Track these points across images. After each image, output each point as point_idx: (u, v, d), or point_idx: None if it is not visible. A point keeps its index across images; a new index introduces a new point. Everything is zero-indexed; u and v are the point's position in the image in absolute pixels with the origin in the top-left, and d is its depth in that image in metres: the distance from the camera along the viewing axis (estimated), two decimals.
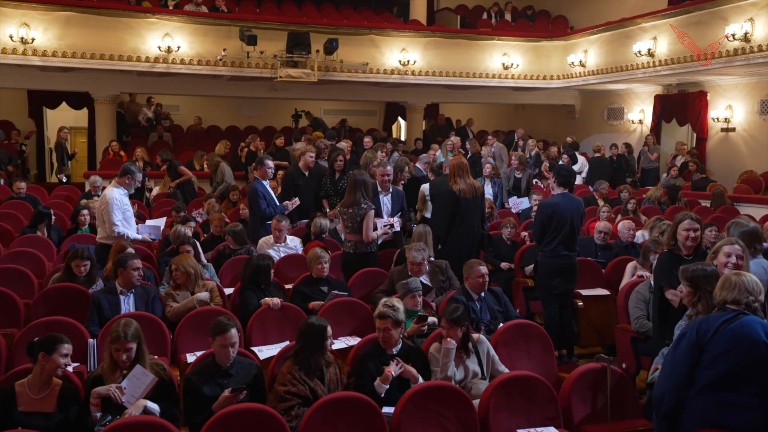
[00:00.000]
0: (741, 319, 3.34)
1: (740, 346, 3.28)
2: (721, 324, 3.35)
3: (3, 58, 12.28)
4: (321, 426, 3.53)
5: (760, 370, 3.27)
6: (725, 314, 3.38)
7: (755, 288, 3.41)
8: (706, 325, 3.39)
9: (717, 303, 3.49)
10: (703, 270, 3.94)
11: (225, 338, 3.93)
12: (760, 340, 3.27)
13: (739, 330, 3.31)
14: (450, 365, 4.30)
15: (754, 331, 3.29)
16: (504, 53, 15.17)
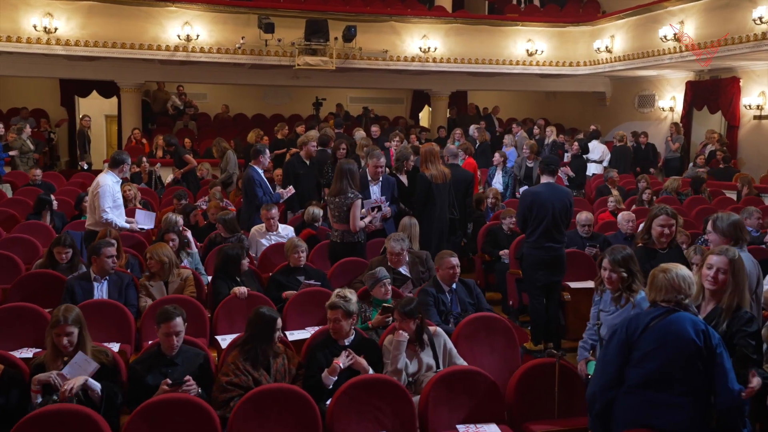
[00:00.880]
0: (670, 316, 3.20)
1: (668, 344, 3.16)
2: (650, 321, 3.22)
3: (28, 47, 12.60)
4: (250, 418, 3.51)
5: (690, 368, 3.13)
6: (655, 311, 3.26)
7: (682, 285, 3.26)
8: (635, 322, 3.26)
9: (650, 303, 3.35)
10: (627, 252, 3.88)
11: (169, 326, 3.94)
12: (689, 337, 3.14)
13: (667, 327, 3.18)
14: (400, 358, 4.23)
15: (683, 329, 3.15)
16: (528, 39, 14.86)
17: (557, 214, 6.01)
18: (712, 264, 3.61)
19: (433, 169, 6.94)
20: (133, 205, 9.01)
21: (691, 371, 3.14)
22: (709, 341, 3.16)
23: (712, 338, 3.17)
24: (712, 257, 3.63)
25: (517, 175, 10.28)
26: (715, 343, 3.17)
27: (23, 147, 12.10)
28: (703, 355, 3.15)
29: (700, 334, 3.16)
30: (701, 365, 3.15)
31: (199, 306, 5.08)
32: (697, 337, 3.15)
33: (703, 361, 3.15)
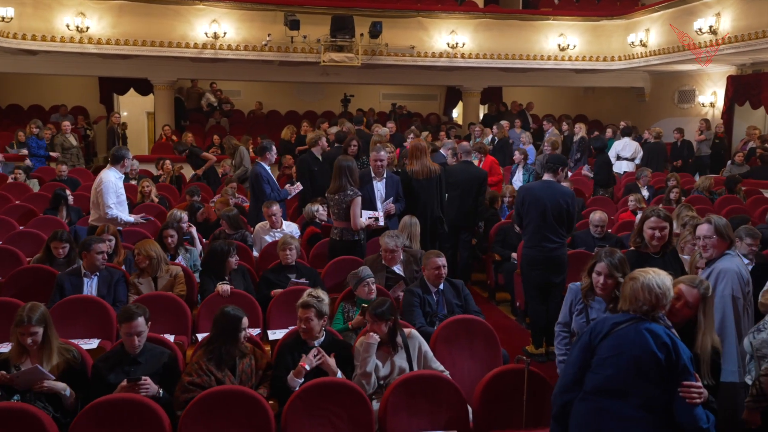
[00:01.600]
0: (633, 324, 3.01)
1: (625, 353, 2.96)
2: (612, 327, 3.03)
3: (61, 46, 12.91)
4: (200, 419, 3.46)
5: (645, 381, 2.93)
6: (620, 317, 3.06)
7: (647, 295, 3.03)
8: (600, 326, 3.08)
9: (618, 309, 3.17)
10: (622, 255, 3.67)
11: (130, 326, 3.91)
12: (649, 349, 2.93)
13: (627, 336, 2.98)
14: (370, 360, 4.11)
15: (643, 339, 2.95)
16: (560, 34, 14.51)
17: (550, 213, 5.80)
18: (682, 295, 3.32)
19: (416, 165, 6.94)
20: (149, 201, 9.15)
21: (647, 385, 2.93)
22: (674, 357, 2.93)
23: (680, 356, 2.93)
24: (685, 287, 3.33)
25: (539, 173, 10.01)
26: (683, 361, 2.93)
27: (64, 143, 12.40)
28: (662, 371, 2.93)
29: (664, 348, 2.94)
30: (659, 380, 2.94)
31: (181, 303, 5.07)
32: (660, 351, 2.93)
33: (663, 376, 2.94)
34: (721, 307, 3.89)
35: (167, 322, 4.93)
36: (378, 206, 6.84)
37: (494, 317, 7.39)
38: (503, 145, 11.09)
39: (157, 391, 3.78)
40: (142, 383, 3.71)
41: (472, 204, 7.75)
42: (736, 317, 3.88)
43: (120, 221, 6.67)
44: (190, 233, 6.98)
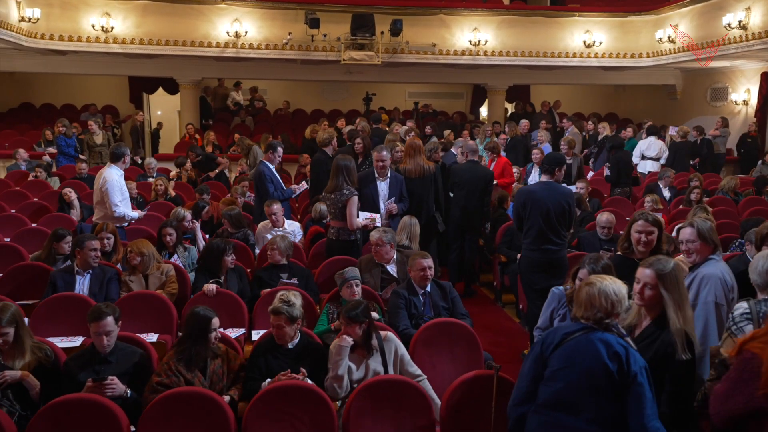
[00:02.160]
0: (584, 334, 2.88)
1: (576, 365, 2.84)
2: (564, 337, 2.91)
3: (87, 46, 13.14)
4: (159, 420, 3.44)
5: (597, 395, 2.80)
6: (572, 326, 2.94)
7: (603, 302, 2.90)
8: (552, 336, 2.96)
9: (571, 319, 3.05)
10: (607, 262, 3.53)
11: (97, 326, 3.91)
12: (600, 360, 2.80)
13: (578, 347, 2.86)
14: (341, 363, 4.05)
15: (594, 350, 2.82)
16: (586, 30, 14.21)
17: (552, 215, 5.65)
18: (639, 278, 3.23)
19: (410, 164, 6.97)
20: (163, 199, 9.23)
21: (599, 398, 2.81)
22: (626, 367, 2.80)
23: (632, 364, 2.80)
24: (640, 270, 3.24)
25: None
26: (635, 371, 2.79)
27: (90, 141, 12.62)
28: (615, 382, 2.80)
29: (615, 358, 2.81)
30: (612, 393, 2.81)
31: (167, 302, 5.07)
32: (611, 361, 2.80)
33: (616, 389, 2.81)
34: (703, 315, 3.72)
35: (153, 321, 4.94)
36: (380, 206, 6.79)
37: (499, 320, 7.27)
38: (516, 145, 10.89)
39: (124, 391, 3.77)
40: (108, 383, 3.70)
41: (478, 204, 7.63)
42: (719, 324, 3.70)
43: (126, 218, 6.75)
44: (192, 232, 7.01)
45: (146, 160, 10.95)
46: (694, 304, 3.76)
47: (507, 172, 8.99)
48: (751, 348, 2.26)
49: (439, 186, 7.23)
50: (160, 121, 17.20)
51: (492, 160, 8.89)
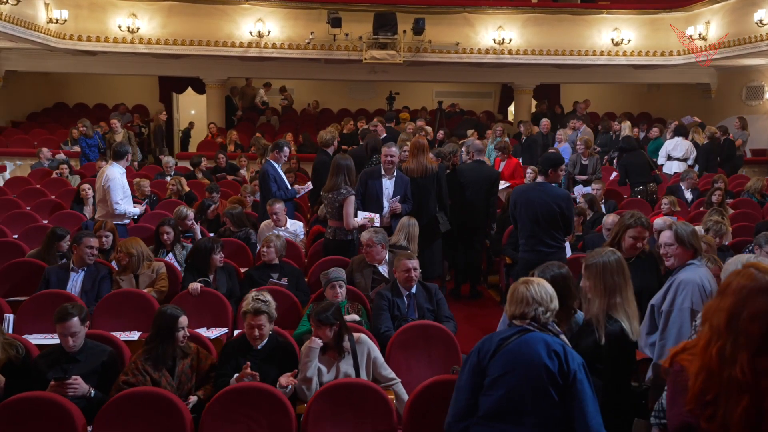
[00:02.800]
0: (522, 336, 2.78)
1: (517, 369, 2.75)
2: (500, 343, 2.80)
3: (114, 46, 13.38)
4: (116, 420, 3.42)
5: (541, 398, 2.70)
6: (507, 331, 2.84)
7: (544, 297, 2.83)
8: (487, 344, 2.86)
9: (507, 318, 2.94)
10: (561, 271, 3.41)
11: (63, 327, 3.92)
12: (540, 361, 2.71)
13: (517, 350, 2.77)
14: (310, 365, 3.99)
15: (534, 351, 2.73)
16: (615, 28, 13.88)
17: (541, 217, 5.49)
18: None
19: (412, 163, 6.87)
20: (177, 198, 9.30)
21: (544, 402, 2.71)
22: (565, 366, 2.72)
23: (570, 362, 2.73)
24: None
25: (572, 173, 9.60)
26: (574, 369, 2.72)
27: (110, 140, 12.82)
28: (558, 383, 2.71)
29: (554, 356, 2.73)
30: (555, 395, 2.71)
31: (151, 301, 5.08)
32: (550, 360, 2.72)
33: (559, 390, 2.71)
34: (678, 321, 3.56)
35: (136, 319, 4.96)
36: (384, 204, 6.73)
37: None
38: (531, 144, 10.67)
39: (87, 391, 3.77)
40: (70, 383, 3.71)
41: (483, 205, 7.49)
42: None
43: (128, 215, 6.80)
44: (193, 230, 7.03)
45: (164, 159, 11.05)
46: (669, 309, 3.62)
47: (518, 172, 8.82)
48: (681, 360, 2.12)
49: (443, 186, 7.12)
50: (192, 121, 17.39)
51: (502, 160, 8.72)
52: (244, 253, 6.69)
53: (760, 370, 1.95)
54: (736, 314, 2.01)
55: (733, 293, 2.06)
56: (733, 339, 2.00)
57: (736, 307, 2.02)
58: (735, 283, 2.08)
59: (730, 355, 1.98)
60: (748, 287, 2.03)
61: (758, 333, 1.97)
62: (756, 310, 1.99)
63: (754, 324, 1.98)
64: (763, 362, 1.96)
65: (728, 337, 2.01)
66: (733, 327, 2.01)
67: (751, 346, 1.97)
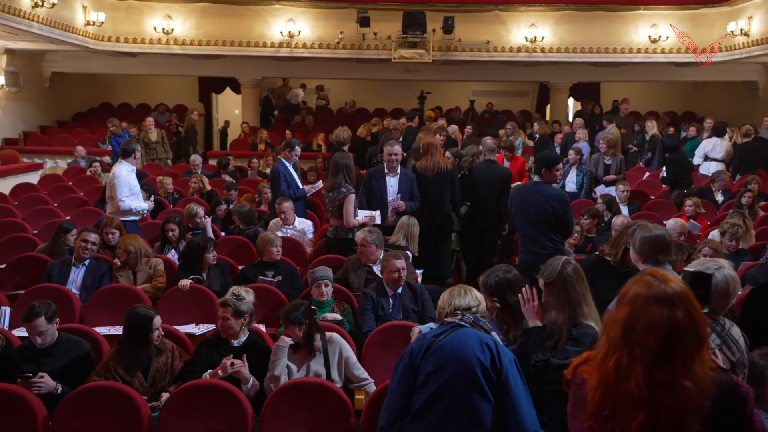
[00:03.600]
0: (454, 332, 2.74)
1: (450, 364, 2.72)
2: (432, 341, 2.76)
3: (149, 48, 13.70)
4: (75, 415, 3.48)
5: (473, 393, 2.69)
6: (439, 329, 2.80)
7: (473, 299, 2.82)
8: (420, 343, 2.82)
9: (438, 319, 2.89)
10: (507, 276, 3.30)
11: (29, 326, 3.99)
12: (472, 355, 2.69)
13: (449, 345, 2.73)
14: (279, 364, 3.98)
15: (466, 346, 2.71)
16: (652, 24, 13.49)
17: (535, 218, 5.36)
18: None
19: (426, 162, 6.77)
20: (198, 196, 9.44)
21: (476, 397, 2.67)
22: (497, 361, 2.69)
23: (502, 357, 2.71)
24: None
25: (594, 173, 9.37)
26: (506, 364, 2.69)
27: (145, 139, 13.12)
28: (491, 378, 2.67)
29: (486, 350, 2.71)
30: (487, 390, 2.67)
31: (142, 296, 5.16)
32: (482, 354, 2.70)
33: (492, 385, 2.67)
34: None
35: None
36: (388, 202, 6.70)
37: None
38: (543, 144, 10.45)
39: (53, 388, 3.83)
40: (36, 381, 3.76)
41: (494, 204, 7.37)
42: None
43: (134, 210, 6.91)
44: (203, 228, 7.12)
45: (191, 157, 11.25)
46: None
47: (525, 171, 8.67)
48: (582, 372, 2.03)
49: (456, 185, 7.02)
50: (227, 120, 17.68)
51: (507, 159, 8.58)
52: (250, 250, 6.74)
53: (656, 383, 1.84)
54: (632, 325, 1.89)
55: (629, 303, 1.94)
56: (628, 351, 1.88)
57: (632, 317, 1.90)
58: (631, 292, 1.96)
59: (626, 369, 1.87)
60: (643, 296, 1.91)
61: (653, 345, 1.85)
62: (650, 320, 1.87)
63: (649, 335, 1.86)
64: (659, 375, 1.84)
65: (624, 349, 1.89)
66: (629, 339, 1.89)
67: (646, 358, 1.86)
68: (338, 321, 4.74)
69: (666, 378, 1.83)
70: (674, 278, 1.97)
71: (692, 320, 1.86)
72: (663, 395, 1.83)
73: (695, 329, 1.86)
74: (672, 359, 1.84)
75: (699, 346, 1.87)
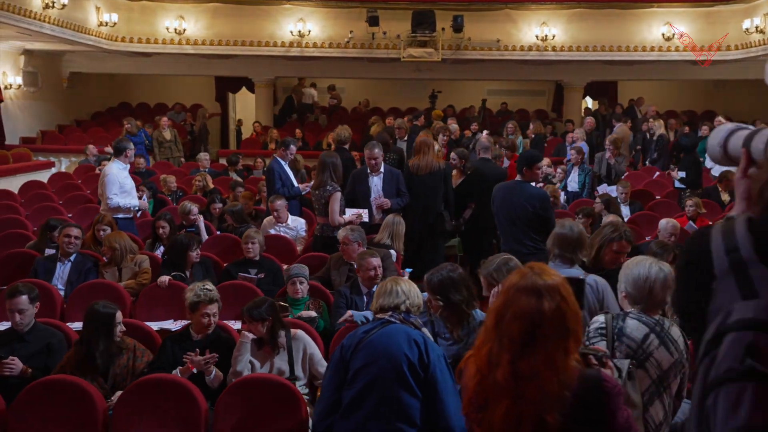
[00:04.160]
0: (384, 328, 2.74)
1: (379, 360, 2.74)
2: (362, 336, 2.77)
3: (162, 48, 13.88)
4: (29, 410, 3.53)
5: (401, 388, 2.72)
6: (369, 325, 2.81)
7: (411, 293, 2.88)
8: (350, 339, 2.83)
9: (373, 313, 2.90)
10: (452, 275, 3.28)
11: (11, 303, 4.08)
12: (400, 351, 2.72)
13: (377, 341, 2.75)
14: (241, 359, 4.00)
15: (394, 342, 2.74)
16: (666, 22, 13.28)
17: (516, 217, 5.32)
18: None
19: (419, 160, 6.76)
20: (201, 194, 9.53)
21: (403, 393, 2.68)
22: (425, 357, 2.71)
23: (430, 352, 2.72)
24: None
25: (597, 173, 9.26)
26: (433, 360, 2.71)
27: (159, 138, 13.30)
28: (418, 374, 2.67)
29: (414, 346, 2.73)
30: (415, 386, 2.67)
31: (120, 290, 5.23)
32: (410, 350, 2.71)
33: (419, 381, 2.68)
34: None
35: None
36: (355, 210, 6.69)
37: None
38: (539, 143, 10.36)
39: (23, 370, 3.90)
40: (6, 363, 3.86)
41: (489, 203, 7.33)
42: None
43: (123, 208, 6.94)
44: (196, 226, 7.17)
45: (198, 155, 11.37)
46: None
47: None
48: (467, 362, 2.03)
49: (449, 185, 7.00)
50: (240, 119, 17.82)
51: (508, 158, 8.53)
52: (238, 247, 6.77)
53: (519, 373, 1.84)
54: (502, 314, 1.90)
55: (503, 292, 1.95)
56: (498, 340, 1.89)
57: (503, 306, 1.91)
58: (507, 282, 1.98)
59: (496, 357, 1.88)
60: (516, 286, 1.91)
61: (517, 334, 1.85)
62: (518, 309, 1.87)
63: (514, 324, 1.86)
64: (523, 365, 1.84)
65: (495, 338, 1.90)
66: (499, 328, 1.89)
67: (511, 347, 1.86)
68: (312, 318, 4.75)
69: (529, 368, 1.83)
70: (553, 272, 1.96)
71: (560, 312, 1.85)
72: (525, 385, 1.84)
73: (562, 321, 1.85)
74: (535, 350, 1.84)
75: (565, 339, 1.86)
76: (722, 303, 1.30)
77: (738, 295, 1.28)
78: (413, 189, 6.68)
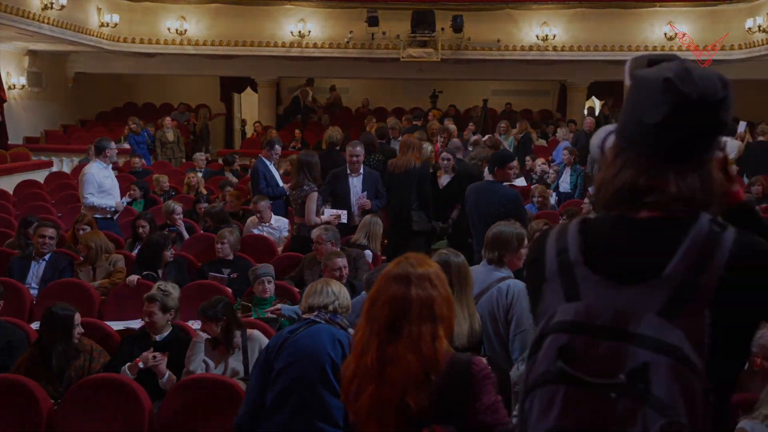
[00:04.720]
0: (308, 328, 2.73)
1: (300, 359, 2.74)
2: (287, 336, 2.76)
3: (164, 48, 13.95)
4: None
5: (323, 388, 2.70)
6: (294, 325, 2.80)
7: (338, 294, 2.87)
8: (275, 340, 2.83)
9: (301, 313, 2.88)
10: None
11: None
12: (323, 351, 2.71)
13: (301, 341, 2.74)
14: (194, 359, 3.98)
15: (318, 342, 2.74)
16: (668, 22, 13.13)
17: (488, 218, 5.24)
18: None
19: (398, 160, 6.83)
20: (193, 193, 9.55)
21: (326, 393, 2.66)
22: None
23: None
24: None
25: (589, 174, 9.15)
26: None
27: (162, 138, 13.37)
28: (338, 374, 2.63)
29: (338, 346, 2.74)
30: (338, 386, 2.63)
31: (91, 290, 5.24)
32: (333, 350, 2.72)
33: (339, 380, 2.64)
34: None
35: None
36: (352, 202, 6.68)
37: None
38: (526, 142, 10.27)
39: None
40: None
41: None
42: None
43: (99, 208, 6.93)
44: (176, 226, 7.17)
45: (194, 155, 11.41)
46: None
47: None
48: None
49: (426, 185, 6.98)
50: (244, 119, 17.88)
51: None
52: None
53: (385, 358, 1.87)
54: (375, 301, 1.94)
55: (377, 280, 1.99)
56: (369, 326, 1.92)
57: (377, 293, 1.95)
58: (384, 271, 2.01)
59: (367, 342, 1.92)
60: (389, 274, 1.95)
61: (384, 319, 1.89)
62: (387, 296, 1.90)
63: (383, 310, 1.90)
64: (390, 350, 1.87)
65: (367, 323, 1.93)
66: (371, 314, 1.93)
67: (380, 333, 1.89)
68: (274, 319, 4.72)
69: (394, 353, 1.86)
70: (430, 263, 2.00)
71: (427, 298, 1.88)
72: (390, 370, 1.86)
73: (429, 307, 1.88)
74: (400, 334, 1.86)
75: (433, 324, 1.88)
76: (549, 305, 1.27)
77: (563, 296, 1.25)
78: (389, 187, 6.72)
